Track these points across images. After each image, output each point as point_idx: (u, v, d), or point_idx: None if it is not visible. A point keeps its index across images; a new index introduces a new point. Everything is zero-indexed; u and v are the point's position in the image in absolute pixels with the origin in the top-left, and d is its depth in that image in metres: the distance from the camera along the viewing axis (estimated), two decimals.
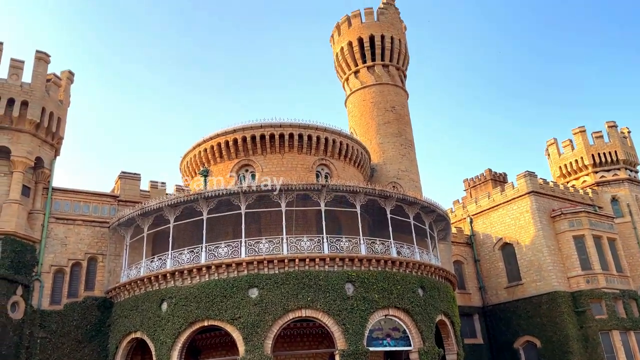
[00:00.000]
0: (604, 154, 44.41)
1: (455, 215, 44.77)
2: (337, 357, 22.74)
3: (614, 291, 36.69)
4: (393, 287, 24.51)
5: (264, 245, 24.27)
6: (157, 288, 24.37)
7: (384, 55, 42.36)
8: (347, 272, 23.86)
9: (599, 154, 44.47)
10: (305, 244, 24.54)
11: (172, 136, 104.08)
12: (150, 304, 24.32)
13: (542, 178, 40.40)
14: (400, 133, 40.67)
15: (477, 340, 38.86)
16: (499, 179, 54.88)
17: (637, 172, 46.14)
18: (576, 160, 45.31)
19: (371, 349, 23.33)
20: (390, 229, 26.27)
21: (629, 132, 47.11)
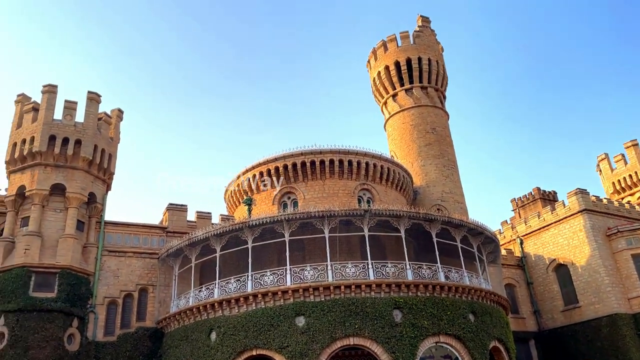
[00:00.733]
0: None
1: (504, 236, 43.40)
2: None
3: None
4: (443, 313, 23.87)
5: (308, 273, 24.21)
6: (206, 318, 24.64)
7: (422, 77, 42.34)
8: (394, 298, 23.43)
9: None
10: (350, 270, 24.33)
11: (217, 165, 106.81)
12: (199, 333, 24.57)
13: (594, 195, 38.85)
14: (442, 154, 40.20)
15: None
16: (549, 198, 53.19)
17: None
18: (630, 175, 43.53)
19: None
20: (437, 252, 25.74)
21: None
